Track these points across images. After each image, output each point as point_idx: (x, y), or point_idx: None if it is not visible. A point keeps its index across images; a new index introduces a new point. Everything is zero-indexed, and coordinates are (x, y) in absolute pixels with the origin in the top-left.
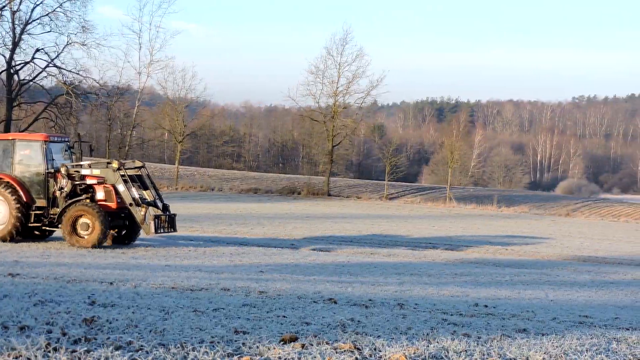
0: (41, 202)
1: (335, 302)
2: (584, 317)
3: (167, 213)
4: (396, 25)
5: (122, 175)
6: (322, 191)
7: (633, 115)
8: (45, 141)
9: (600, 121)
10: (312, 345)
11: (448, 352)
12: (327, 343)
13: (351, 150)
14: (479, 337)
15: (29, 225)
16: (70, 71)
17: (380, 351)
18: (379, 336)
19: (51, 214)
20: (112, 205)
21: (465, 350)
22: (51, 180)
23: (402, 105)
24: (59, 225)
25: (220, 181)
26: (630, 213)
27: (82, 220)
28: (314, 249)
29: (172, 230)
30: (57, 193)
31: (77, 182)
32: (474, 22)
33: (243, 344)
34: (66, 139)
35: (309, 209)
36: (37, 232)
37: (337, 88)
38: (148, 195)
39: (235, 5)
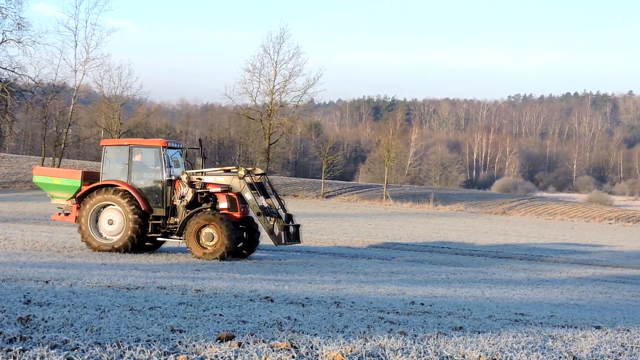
0: (159, 212)
1: (272, 301)
2: (520, 315)
3: (292, 223)
4: (332, 24)
5: (249, 184)
6: None
7: (568, 114)
8: (163, 147)
9: (536, 120)
10: (248, 343)
11: (385, 350)
12: (263, 341)
13: (288, 148)
14: (415, 335)
15: (147, 235)
16: (5, 69)
17: (317, 349)
18: (315, 334)
19: (169, 224)
20: (237, 214)
21: (402, 348)
22: (169, 188)
23: (339, 104)
24: (173, 236)
25: None
26: (566, 211)
27: (206, 230)
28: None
29: (297, 241)
30: (177, 202)
31: (198, 190)
32: (409, 21)
33: (179, 342)
34: (182, 145)
35: None
36: (151, 244)
37: (274, 86)
38: (270, 203)
39: (171, 2)
